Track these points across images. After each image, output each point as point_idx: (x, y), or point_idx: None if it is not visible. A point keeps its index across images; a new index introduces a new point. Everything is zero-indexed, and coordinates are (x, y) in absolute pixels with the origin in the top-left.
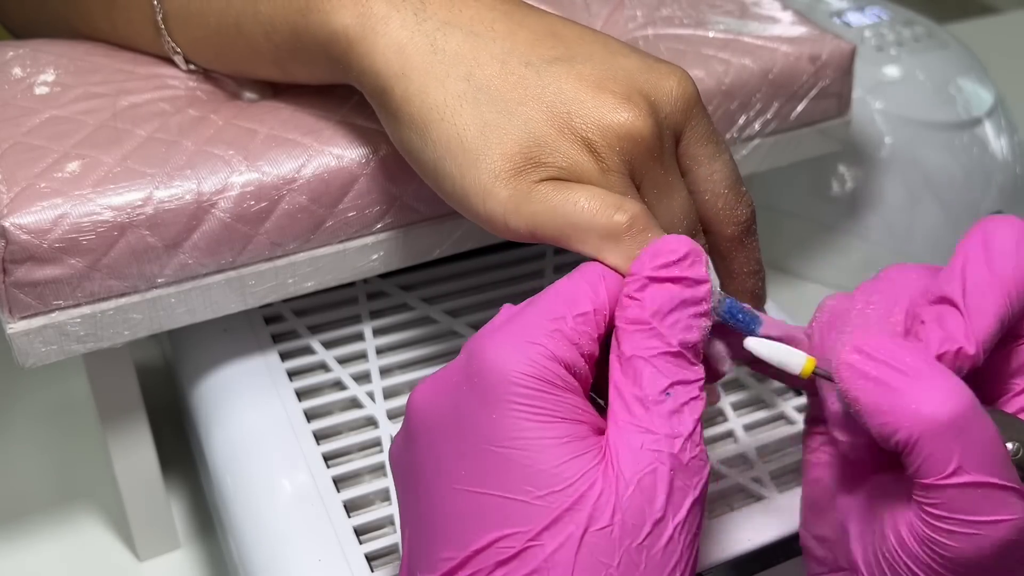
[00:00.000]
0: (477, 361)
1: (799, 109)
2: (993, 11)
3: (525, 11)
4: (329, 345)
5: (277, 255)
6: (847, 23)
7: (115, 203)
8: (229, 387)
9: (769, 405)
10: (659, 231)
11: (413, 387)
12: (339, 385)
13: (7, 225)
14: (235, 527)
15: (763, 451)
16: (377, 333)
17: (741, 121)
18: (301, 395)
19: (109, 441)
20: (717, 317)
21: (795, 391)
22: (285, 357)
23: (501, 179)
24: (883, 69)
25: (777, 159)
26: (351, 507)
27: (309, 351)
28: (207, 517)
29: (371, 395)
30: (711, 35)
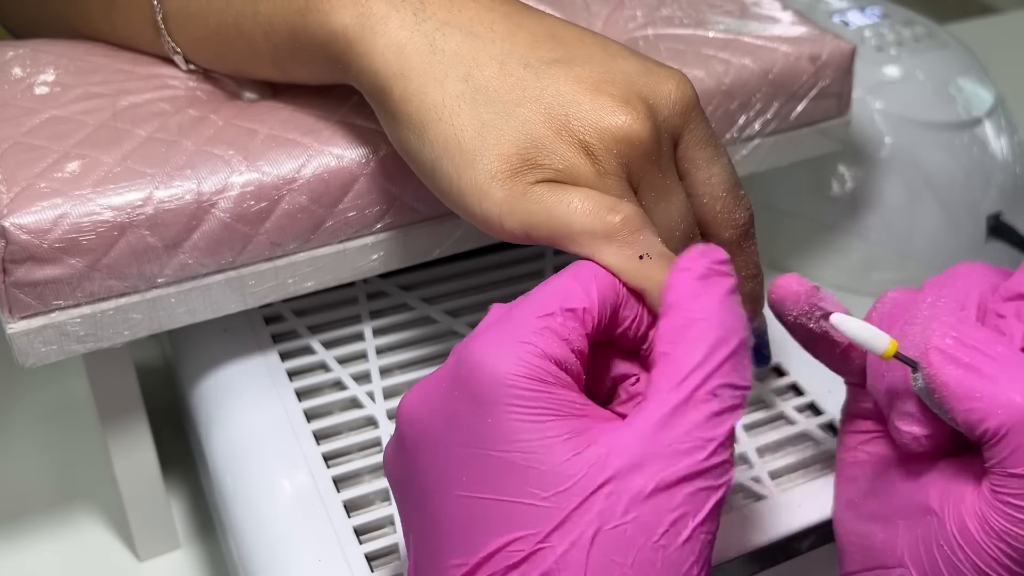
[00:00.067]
0: (467, 365)
1: (799, 109)
2: (993, 11)
3: (525, 13)
4: (329, 345)
5: (277, 255)
6: (847, 23)
7: (115, 203)
8: (229, 387)
9: (769, 405)
10: (653, 233)
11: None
12: (339, 385)
13: (7, 225)
14: (235, 527)
15: (763, 451)
16: (377, 333)
17: (741, 121)
18: (301, 395)
19: (109, 441)
20: None
21: (795, 391)
22: (285, 357)
23: (497, 180)
24: (883, 69)
25: (777, 159)
26: (351, 507)
27: (309, 351)
28: (207, 517)
29: (371, 395)
30: (711, 35)
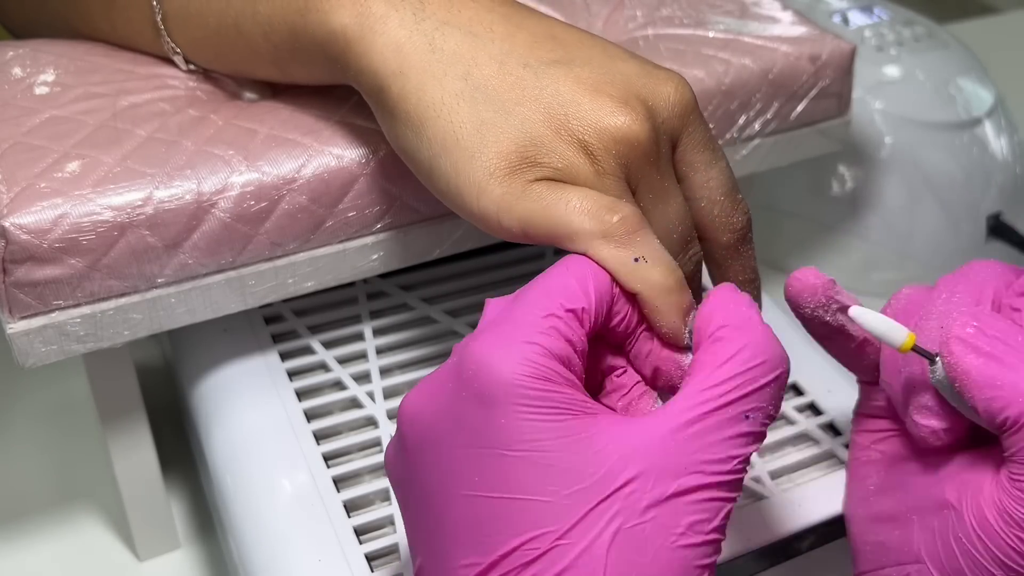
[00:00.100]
0: (471, 365)
1: (799, 109)
2: (993, 11)
3: (524, 14)
4: (329, 345)
5: (277, 255)
6: (847, 23)
7: (115, 203)
8: (229, 387)
9: None
10: (650, 233)
11: (413, 387)
12: (339, 385)
13: (7, 225)
14: (235, 527)
15: (763, 451)
16: (377, 333)
17: (741, 121)
18: (301, 395)
19: (109, 441)
20: (691, 341)
21: (795, 392)
22: (285, 357)
23: (496, 177)
24: (883, 69)
25: (777, 159)
26: (351, 507)
27: (309, 351)
28: (207, 517)
29: (371, 395)
30: (711, 35)
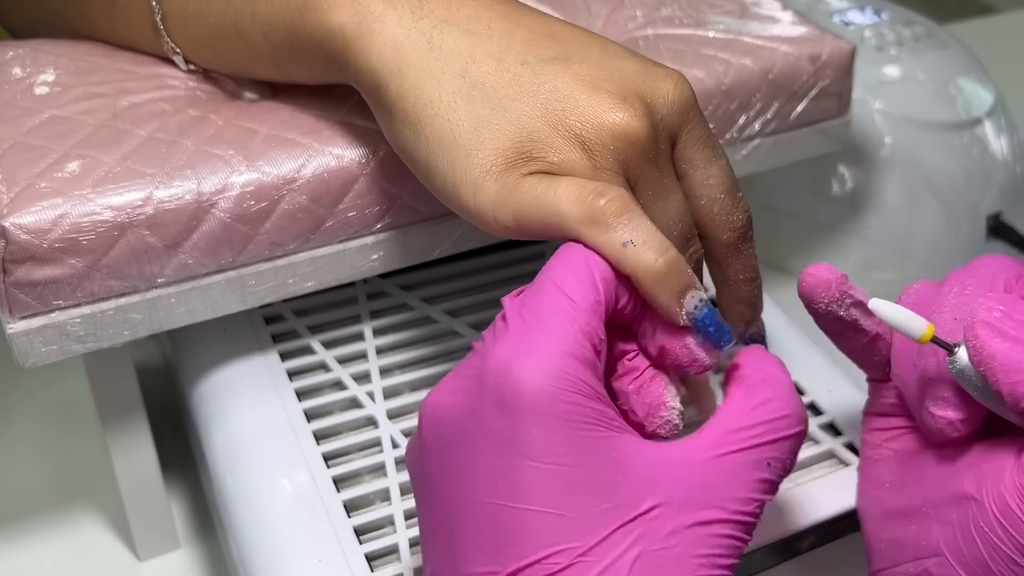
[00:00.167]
0: (498, 373)
1: (799, 109)
2: (993, 11)
3: (522, 11)
4: (329, 345)
5: (277, 255)
6: (847, 23)
7: (115, 203)
8: (229, 387)
9: None
10: (640, 215)
11: (413, 387)
12: (339, 385)
13: (7, 225)
14: (235, 527)
15: None
16: (377, 333)
17: (741, 121)
18: (301, 395)
19: (109, 441)
20: (691, 321)
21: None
22: (285, 357)
23: (492, 174)
24: (883, 69)
25: (777, 159)
26: (351, 507)
27: (309, 351)
28: (207, 517)
29: (371, 395)
30: (711, 35)
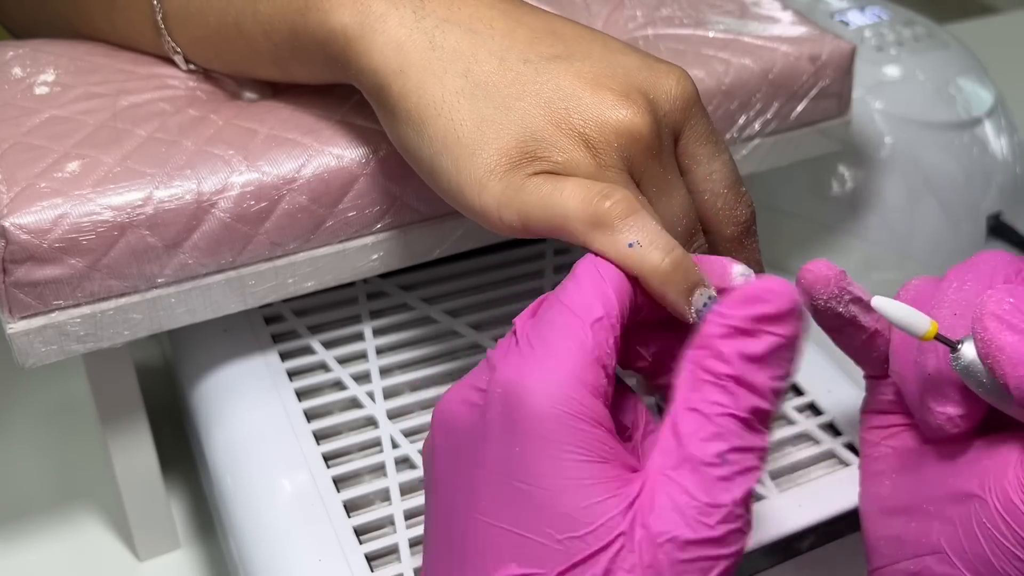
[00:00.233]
0: (510, 389)
1: (799, 109)
2: (993, 11)
3: (524, 10)
4: (329, 345)
5: (277, 255)
6: (847, 23)
7: (115, 203)
8: (229, 387)
9: None
10: (644, 216)
11: (413, 387)
12: (339, 385)
13: (7, 225)
14: (235, 527)
15: None
16: (377, 333)
17: (741, 121)
18: (301, 395)
19: (109, 441)
20: (700, 318)
21: (795, 392)
22: (285, 357)
23: (496, 173)
24: (883, 69)
25: (777, 159)
26: (351, 507)
27: (309, 351)
28: (207, 517)
29: (371, 395)
30: (711, 35)
